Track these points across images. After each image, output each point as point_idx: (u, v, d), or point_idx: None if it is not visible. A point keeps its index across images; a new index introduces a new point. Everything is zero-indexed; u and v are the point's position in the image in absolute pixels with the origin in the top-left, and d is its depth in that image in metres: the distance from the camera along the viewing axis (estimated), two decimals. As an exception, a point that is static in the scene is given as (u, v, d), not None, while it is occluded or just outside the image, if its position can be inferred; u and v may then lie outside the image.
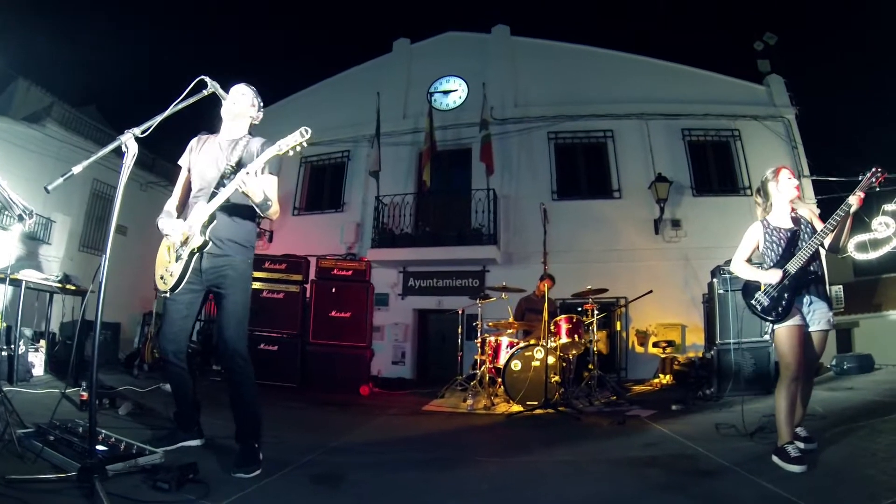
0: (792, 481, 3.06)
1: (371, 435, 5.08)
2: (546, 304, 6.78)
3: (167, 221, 3.56)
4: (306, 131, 3.08)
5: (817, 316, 3.60)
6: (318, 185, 15.34)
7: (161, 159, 18.61)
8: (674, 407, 6.30)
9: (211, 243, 3.38)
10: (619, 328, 12.04)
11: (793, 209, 3.80)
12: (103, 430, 3.46)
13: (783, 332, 3.54)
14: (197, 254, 3.38)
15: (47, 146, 15.50)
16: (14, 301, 6.57)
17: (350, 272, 9.09)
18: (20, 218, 3.97)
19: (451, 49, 15.36)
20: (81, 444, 3.12)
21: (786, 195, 3.79)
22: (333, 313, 8.78)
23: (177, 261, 3.42)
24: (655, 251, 12.44)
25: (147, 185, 18.06)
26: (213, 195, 3.39)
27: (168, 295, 3.48)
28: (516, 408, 6.50)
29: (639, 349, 11.84)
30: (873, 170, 3.37)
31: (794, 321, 3.53)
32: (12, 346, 6.01)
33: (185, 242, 3.39)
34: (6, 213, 3.97)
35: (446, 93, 14.88)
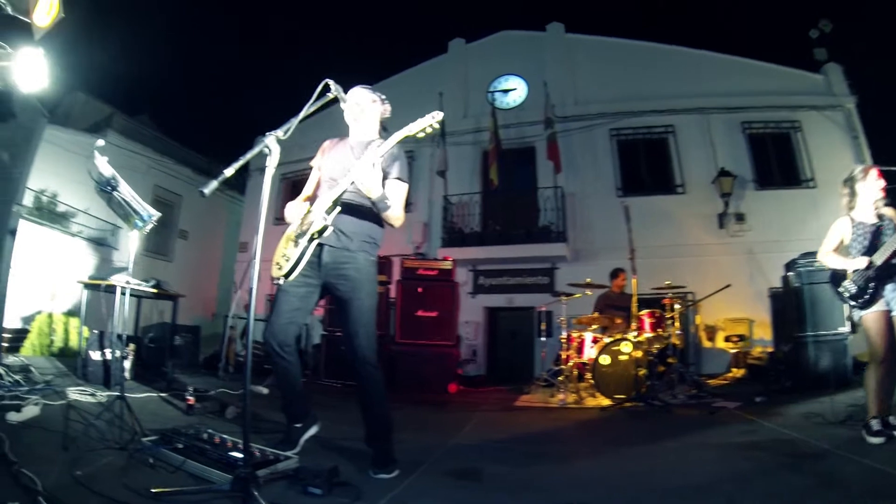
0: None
1: (481, 431, 5.08)
2: (633, 297, 6.90)
3: (291, 206, 3.56)
4: (438, 114, 3.02)
5: None
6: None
7: (217, 164, 18.88)
8: (757, 399, 6.29)
9: (331, 231, 3.29)
10: (697, 322, 11.81)
11: (876, 206, 4.07)
12: (227, 436, 3.46)
13: (870, 318, 3.85)
14: (317, 240, 3.29)
15: (108, 155, 15.64)
16: (93, 305, 6.59)
17: (436, 272, 9.06)
18: (136, 225, 4.00)
19: (507, 48, 15.32)
20: (216, 452, 3.07)
21: (872, 195, 4.08)
22: (420, 313, 8.74)
23: (295, 247, 3.35)
24: (720, 246, 12.25)
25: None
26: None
27: (281, 282, 3.39)
28: (606, 401, 6.50)
29: (707, 344, 11.67)
30: None
31: (880, 307, 3.83)
32: (107, 352, 5.99)
33: (305, 229, 3.32)
34: (131, 219, 4.01)
35: (506, 91, 14.82)
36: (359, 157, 3.40)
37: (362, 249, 3.43)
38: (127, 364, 6.52)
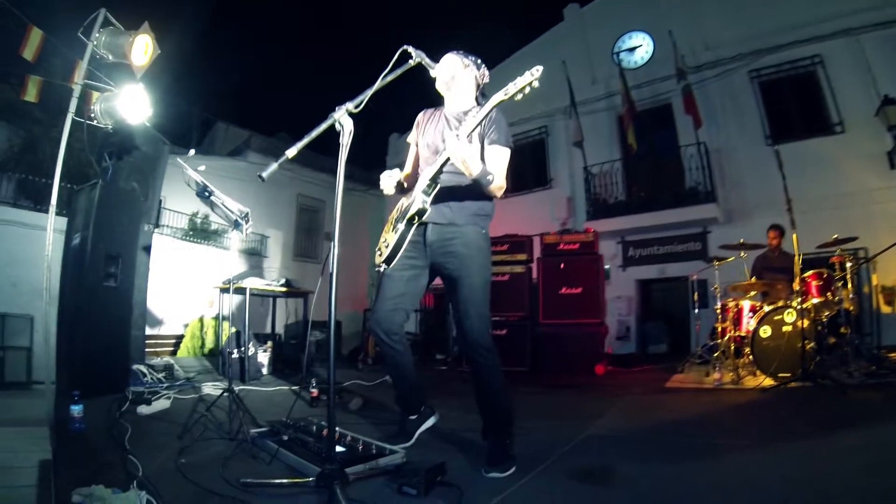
0: None
1: (623, 419, 4.51)
2: (796, 257, 5.81)
3: (385, 174, 3.27)
4: (537, 70, 2.59)
5: None
6: (520, 165, 14.80)
7: (355, 167, 19.89)
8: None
9: (433, 210, 3.00)
10: (873, 284, 10.17)
11: None
12: (338, 429, 3.25)
13: None
14: (416, 222, 3.02)
15: (250, 173, 17.58)
16: (241, 308, 7.00)
17: (577, 245, 8.53)
18: (237, 224, 3.96)
19: (623, 4, 14.38)
20: (317, 445, 2.97)
21: None
22: (563, 290, 8.26)
23: (393, 231, 3.09)
24: (893, 190, 10.37)
25: (346, 192, 18.97)
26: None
27: (383, 269, 3.16)
28: (768, 381, 5.67)
29: (885, 308, 9.98)
30: None
31: None
32: (243, 349, 6.30)
33: (403, 211, 3.07)
34: (226, 223, 4.05)
35: (631, 50, 14.02)
36: (454, 129, 3.05)
37: (471, 223, 3.10)
38: (266, 360, 6.92)
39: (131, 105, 4.73)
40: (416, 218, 2.99)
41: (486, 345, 3.01)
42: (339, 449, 2.88)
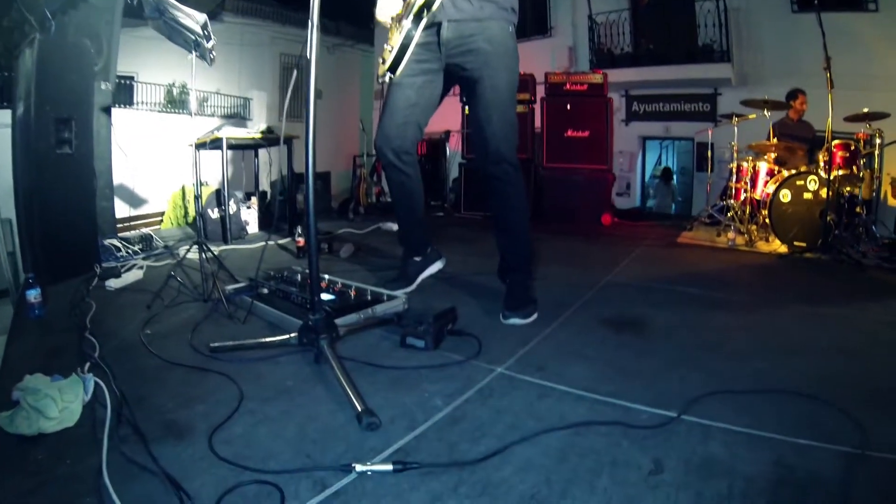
0: None
1: (639, 269, 4.21)
2: (828, 120, 5.24)
3: None
4: None
5: None
6: (520, 12, 13.91)
7: (344, 23, 19.10)
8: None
9: (449, 4, 2.47)
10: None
11: None
12: (326, 276, 2.94)
13: None
14: (425, 16, 2.43)
15: (230, 35, 17.39)
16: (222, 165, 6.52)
17: (585, 87, 7.84)
18: (196, 45, 3.38)
19: None
20: (301, 295, 2.58)
21: None
22: (569, 133, 7.72)
23: (398, 31, 2.50)
24: None
25: (334, 48, 19.29)
26: None
27: (388, 78, 2.62)
28: (783, 248, 5.42)
29: (892, 201, 9.64)
30: None
31: None
32: (223, 208, 5.87)
33: (408, 5, 2.46)
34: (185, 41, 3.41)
35: None
36: None
37: (494, 17, 2.58)
38: (252, 217, 6.62)
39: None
40: (425, 10, 2.41)
41: (510, 159, 2.66)
42: (326, 297, 2.52)
